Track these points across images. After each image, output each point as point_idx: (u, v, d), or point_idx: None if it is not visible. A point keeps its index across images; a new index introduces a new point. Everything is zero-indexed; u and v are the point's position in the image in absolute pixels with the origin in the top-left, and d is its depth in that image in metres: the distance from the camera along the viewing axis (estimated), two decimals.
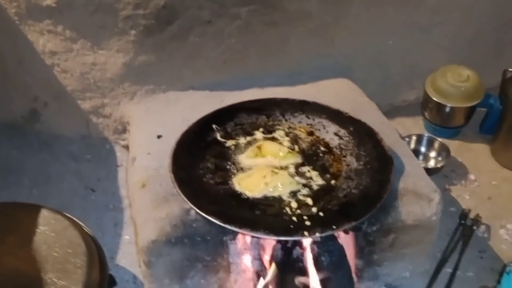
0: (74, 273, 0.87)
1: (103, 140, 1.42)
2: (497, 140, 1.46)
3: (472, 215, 1.25)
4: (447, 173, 1.41)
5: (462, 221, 1.23)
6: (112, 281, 1.09)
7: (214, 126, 1.15)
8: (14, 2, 1.20)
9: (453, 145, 1.48)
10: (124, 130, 1.39)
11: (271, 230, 0.90)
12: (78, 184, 1.32)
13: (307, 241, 1.02)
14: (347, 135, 1.14)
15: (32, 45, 1.26)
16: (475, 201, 1.33)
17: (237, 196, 0.99)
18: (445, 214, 1.25)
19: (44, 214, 0.98)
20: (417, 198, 1.02)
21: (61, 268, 0.87)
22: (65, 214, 0.99)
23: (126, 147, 1.38)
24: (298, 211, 0.95)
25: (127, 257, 1.15)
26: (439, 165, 1.40)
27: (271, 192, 1.00)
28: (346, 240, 1.03)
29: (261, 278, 1.01)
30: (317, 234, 0.90)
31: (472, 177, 1.41)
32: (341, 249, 1.02)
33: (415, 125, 1.58)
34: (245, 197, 0.99)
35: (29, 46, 1.27)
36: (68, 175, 1.34)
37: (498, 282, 0.97)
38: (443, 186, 1.36)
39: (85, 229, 0.98)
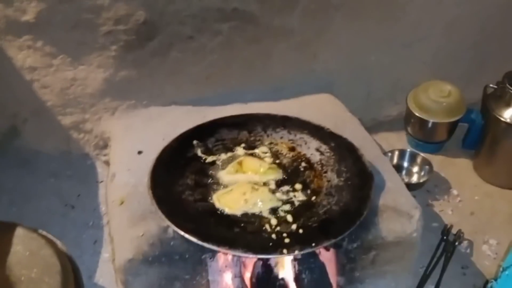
0: None
1: (84, 156, 1.41)
2: (480, 155, 1.47)
3: (454, 231, 1.25)
4: (430, 188, 1.41)
5: (445, 237, 1.22)
6: None
7: (194, 142, 1.14)
8: None
9: (436, 160, 1.49)
10: (105, 146, 1.37)
11: (249, 248, 0.88)
12: (57, 201, 1.30)
13: (288, 259, 1.02)
14: (328, 150, 1.13)
15: (11, 61, 1.25)
16: (458, 216, 1.33)
17: (216, 213, 0.98)
18: (427, 229, 1.25)
19: (19, 232, 0.95)
20: (397, 215, 1.02)
21: None
22: (41, 232, 0.97)
23: (107, 163, 1.36)
24: (278, 228, 0.94)
25: (106, 276, 1.13)
26: (421, 180, 1.40)
27: (251, 208, 0.99)
28: (327, 257, 1.02)
29: None
30: (296, 252, 0.88)
31: (455, 192, 1.41)
32: (322, 267, 1.01)
33: (399, 140, 1.59)
34: (225, 214, 0.98)
35: (8, 61, 1.25)
36: (48, 192, 1.32)
37: None
38: (425, 201, 1.36)
39: (61, 248, 0.96)
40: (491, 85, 1.39)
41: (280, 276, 1.00)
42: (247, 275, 1.03)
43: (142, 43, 1.25)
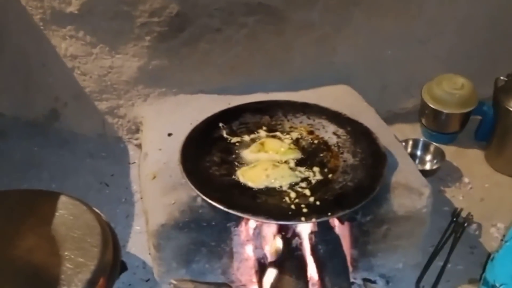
0: (90, 251, 0.95)
1: (117, 139, 1.52)
2: (491, 145, 1.53)
3: (464, 214, 1.32)
4: (442, 176, 1.48)
5: (454, 219, 1.30)
6: (123, 266, 1.17)
7: (220, 124, 1.24)
8: (40, 9, 1.31)
9: (449, 150, 1.55)
10: (137, 130, 1.48)
11: (270, 215, 0.98)
12: (93, 179, 1.41)
13: (305, 231, 1.10)
14: (344, 134, 1.22)
15: (55, 49, 1.37)
16: (468, 202, 1.39)
17: (240, 186, 1.07)
18: (438, 212, 1.33)
19: (63, 200, 1.06)
20: (408, 192, 1.09)
21: (78, 246, 0.95)
22: (83, 200, 1.07)
23: (139, 146, 1.47)
24: (297, 200, 1.03)
25: (138, 246, 1.23)
26: (434, 167, 1.47)
27: (272, 183, 1.08)
28: (342, 230, 1.11)
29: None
30: (313, 220, 0.97)
31: (466, 180, 1.48)
32: (337, 239, 1.09)
33: (413, 131, 1.66)
34: (248, 187, 1.07)
35: (52, 49, 1.37)
36: (85, 170, 1.43)
37: (483, 270, 1.04)
38: (438, 187, 1.43)
39: (100, 215, 1.06)
40: (501, 78, 1.45)
41: (297, 248, 1.09)
42: (267, 247, 1.12)
43: (174, 34, 1.35)
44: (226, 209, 0.98)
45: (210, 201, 0.99)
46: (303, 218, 0.97)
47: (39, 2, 1.30)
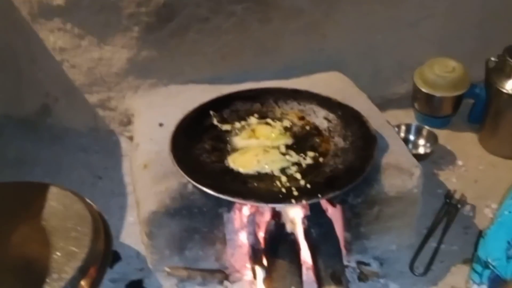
0: (81, 239, 0.95)
1: (109, 132, 1.51)
2: (484, 127, 1.53)
3: (458, 196, 1.32)
4: (435, 160, 1.47)
5: (447, 200, 1.30)
6: (116, 256, 1.17)
7: (211, 112, 1.23)
8: (27, 3, 1.31)
9: (442, 134, 1.55)
10: (129, 122, 1.48)
11: (261, 199, 0.97)
12: (86, 173, 1.41)
13: (298, 215, 1.10)
14: (335, 118, 1.22)
15: (43, 43, 1.36)
16: (462, 184, 1.39)
17: (231, 172, 1.07)
18: (432, 195, 1.33)
19: (54, 190, 1.06)
20: (398, 172, 1.09)
21: (69, 236, 0.96)
22: (73, 191, 1.07)
23: (131, 139, 1.46)
24: (287, 184, 1.03)
25: (131, 236, 1.23)
26: (427, 151, 1.47)
27: (263, 168, 1.08)
28: (334, 213, 1.11)
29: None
30: (304, 202, 0.97)
31: (460, 162, 1.47)
32: (329, 223, 1.09)
33: (407, 116, 1.65)
34: (239, 173, 1.07)
35: (40, 44, 1.37)
36: (78, 165, 1.43)
37: (475, 249, 1.03)
38: (431, 170, 1.43)
39: (91, 205, 1.06)
40: (492, 59, 1.45)
41: (291, 233, 1.09)
42: (261, 234, 1.12)
43: (162, 25, 1.34)
44: (216, 194, 0.97)
45: (200, 186, 0.99)
46: (293, 201, 0.97)
47: None
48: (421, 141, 1.52)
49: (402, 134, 1.53)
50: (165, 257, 1.08)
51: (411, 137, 1.53)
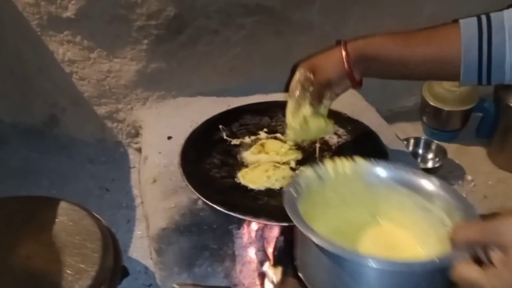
0: (90, 256, 0.93)
1: (117, 143, 1.51)
2: (493, 142, 1.52)
3: None
4: (445, 174, 1.47)
5: None
6: (125, 272, 1.16)
7: (220, 126, 1.23)
8: (37, 15, 1.31)
9: (451, 148, 1.55)
10: (137, 134, 1.47)
11: (272, 217, 0.96)
12: (93, 185, 1.40)
13: None
14: (345, 133, 1.21)
15: (52, 54, 1.36)
16: (471, 199, 1.38)
17: (241, 188, 1.06)
18: None
19: (63, 205, 1.05)
20: None
21: (79, 253, 0.94)
22: (82, 206, 1.07)
23: (139, 150, 1.46)
24: None
25: (139, 251, 1.22)
26: (436, 165, 1.46)
27: (273, 184, 1.07)
28: None
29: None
30: None
31: (469, 177, 1.47)
32: None
33: (415, 130, 1.65)
34: (249, 189, 1.06)
35: (49, 55, 1.36)
36: (85, 176, 1.43)
37: None
38: None
39: (100, 220, 1.05)
40: None
41: None
42: (270, 250, 1.11)
43: (171, 37, 1.34)
44: (227, 212, 0.96)
45: (210, 203, 0.99)
46: None
47: (36, 8, 1.29)
48: (430, 155, 1.51)
49: (411, 148, 1.52)
50: (174, 273, 1.07)
51: (420, 151, 1.53)
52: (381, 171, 0.84)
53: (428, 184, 0.80)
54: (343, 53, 0.97)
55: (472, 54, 0.87)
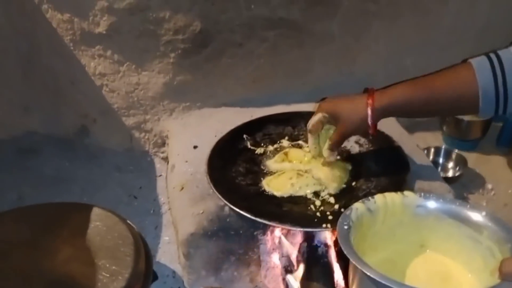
0: (124, 260, 0.98)
1: (144, 153, 1.57)
2: None
3: None
4: (465, 183, 1.48)
5: None
6: (154, 275, 1.20)
7: (244, 136, 1.27)
8: (70, 30, 1.37)
9: (471, 157, 1.56)
10: (163, 144, 1.52)
11: (296, 223, 1.00)
12: (122, 192, 1.46)
13: (331, 238, 1.12)
14: (366, 142, 1.24)
15: (84, 68, 1.43)
16: (492, 207, 1.40)
17: (266, 195, 1.10)
18: None
19: (96, 211, 1.10)
20: None
21: (112, 256, 0.99)
22: (115, 212, 1.12)
23: (165, 159, 1.51)
24: (322, 208, 1.05)
25: (167, 256, 1.26)
26: (456, 174, 1.47)
27: (297, 191, 1.10)
28: None
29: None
30: None
31: (489, 186, 1.48)
32: None
33: (435, 139, 1.67)
34: (273, 196, 1.10)
35: (81, 68, 1.43)
36: (113, 184, 1.48)
37: None
38: (461, 194, 1.44)
39: (132, 225, 1.10)
40: None
41: (324, 255, 1.11)
42: (294, 255, 1.14)
43: (197, 50, 1.39)
44: (253, 217, 1.00)
45: (237, 209, 1.02)
46: (328, 225, 0.99)
47: (69, 24, 1.36)
48: (451, 164, 1.53)
49: (431, 157, 1.54)
50: (202, 277, 1.11)
51: (440, 160, 1.54)
52: (429, 203, 0.88)
53: (477, 215, 0.83)
54: (369, 111, 1.03)
55: (489, 93, 0.93)
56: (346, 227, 0.83)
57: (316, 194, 1.10)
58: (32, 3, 1.36)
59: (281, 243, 1.13)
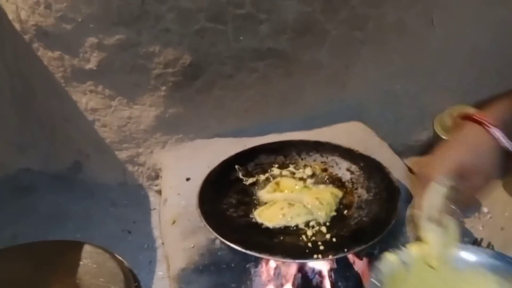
0: None
1: (138, 186, 1.56)
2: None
3: (484, 244, 1.31)
4: (459, 206, 1.47)
5: None
6: None
7: (236, 166, 1.27)
8: (61, 67, 1.39)
9: None
10: (157, 177, 1.52)
11: (288, 254, 0.99)
12: (117, 227, 1.45)
13: (325, 269, 1.11)
14: (358, 170, 1.24)
15: (76, 104, 1.44)
16: (489, 231, 1.38)
17: (257, 227, 1.10)
18: None
19: (87, 249, 1.10)
20: None
21: None
22: (105, 248, 1.11)
23: (159, 192, 1.51)
24: (313, 238, 1.05)
25: None
26: None
27: (288, 222, 1.10)
28: (361, 266, 1.11)
29: None
30: (330, 257, 0.99)
31: (485, 209, 1.46)
32: (356, 275, 1.10)
33: None
34: (265, 227, 1.09)
35: (73, 104, 1.44)
36: (108, 219, 1.47)
37: None
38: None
39: (123, 262, 1.09)
40: None
41: (318, 286, 1.10)
42: (288, 287, 1.13)
43: (188, 83, 1.41)
44: (244, 250, 0.99)
45: (228, 242, 1.02)
46: (320, 256, 0.98)
47: (60, 61, 1.38)
48: None
49: None
50: None
51: None
52: (468, 255, 0.84)
53: None
54: (495, 132, 0.81)
55: None
56: (377, 283, 0.76)
57: (308, 223, 1.09)
58: (24, 43, 1.38)
59: (276, 274, 1.12)
